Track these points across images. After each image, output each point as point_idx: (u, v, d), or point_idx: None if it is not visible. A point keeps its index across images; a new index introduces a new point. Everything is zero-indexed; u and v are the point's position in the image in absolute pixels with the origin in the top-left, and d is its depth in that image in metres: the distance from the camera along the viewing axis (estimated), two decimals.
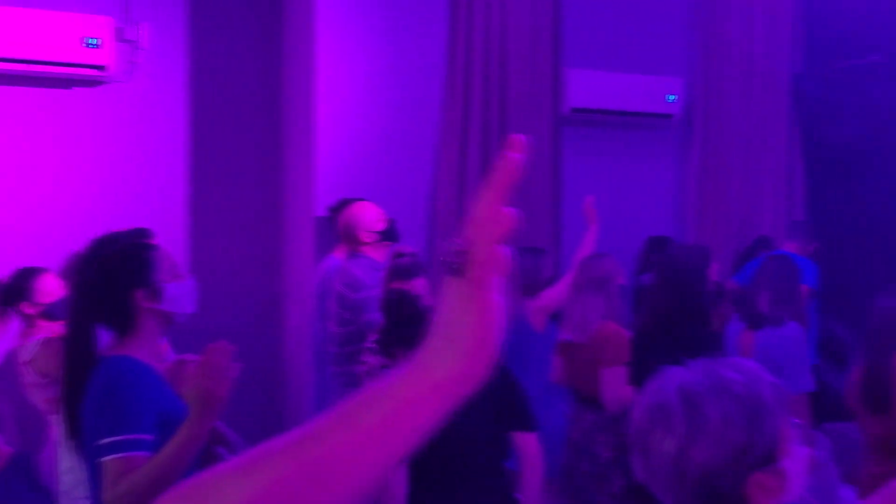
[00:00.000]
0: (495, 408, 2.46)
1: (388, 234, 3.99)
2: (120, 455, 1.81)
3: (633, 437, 1.36)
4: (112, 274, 2.01)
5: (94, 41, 4.49)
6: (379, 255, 3.83)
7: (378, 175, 4.95)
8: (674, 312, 2.78)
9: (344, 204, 4.28)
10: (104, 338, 2.06)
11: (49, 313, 2.99)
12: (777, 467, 1.27)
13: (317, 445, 0.68)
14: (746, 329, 3.32)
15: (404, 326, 2.55)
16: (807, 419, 3.17)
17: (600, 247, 4.14)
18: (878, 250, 6.21)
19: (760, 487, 1.27)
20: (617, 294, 3.15)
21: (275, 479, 0.67)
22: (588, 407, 3.16)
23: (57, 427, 2.74)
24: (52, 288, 3.10)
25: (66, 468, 2.68)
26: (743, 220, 6.10)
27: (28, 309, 3.08)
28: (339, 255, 4.15)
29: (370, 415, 0.69)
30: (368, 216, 4.04)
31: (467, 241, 0.69)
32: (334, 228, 4.31)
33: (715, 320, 3.08)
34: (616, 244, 4.74)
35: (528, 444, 2.54)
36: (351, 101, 5.02)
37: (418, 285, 3.23)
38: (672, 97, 5.87)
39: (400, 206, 4.67)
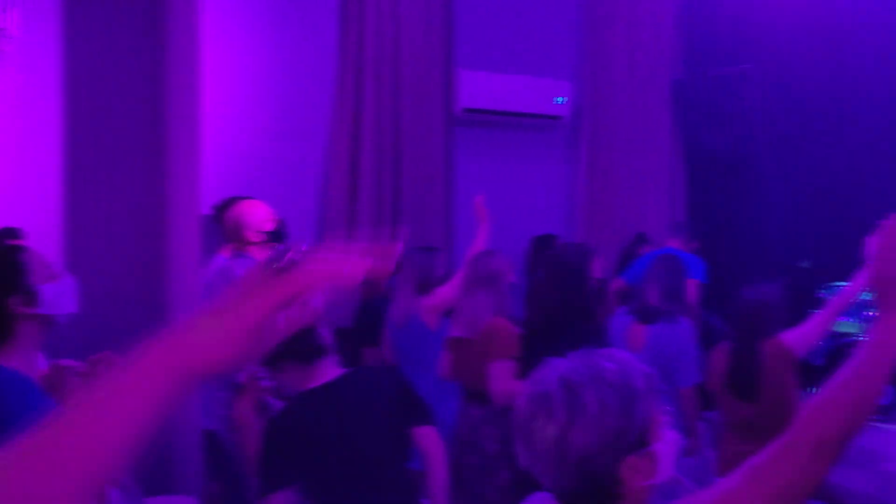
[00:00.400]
0: (390, 408, 2.44)
1: (277, 235, 3.90)
2: None
3: (517, 425, 1.39)
4: None
5: None
6: (265, 255, 3.74)
7: (266, 173, 4.85)
8: (559, 308, 2.85)
9: (231, 202, 4.15)
10: None
11: None
12: (649, 450, 1.33)
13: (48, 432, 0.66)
14: (636, 323, 3.42)
15: None
16: (695, 410, 3.30)
17: (492, 245, 4.20)
18: (751, 247, 6.58)
19: (633, 469, 1.32)
20: (506, 291, 3.20)
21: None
22: (475, 402, 3.20)
23: None
24: None
25: None
26: (629, 219, 6.33)
27: None
28: (225, 254, 4.03)
29: (102, 395, 0.69)
30: (257, 216, 3.94)
31: (302, 254, 0.71)
32: (221, 228, 4.19)
33: (599, 315, 3.17)
34: (508, 242, 4.83)
35: (428, 439, 2.54)
36: (238, 96, 4.89)
37: None
38: (560, 99, 6.03)
39: (289, 206, 4.59)
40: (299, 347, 2.28)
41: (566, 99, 6.05)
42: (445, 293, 3.68)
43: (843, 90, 6.84)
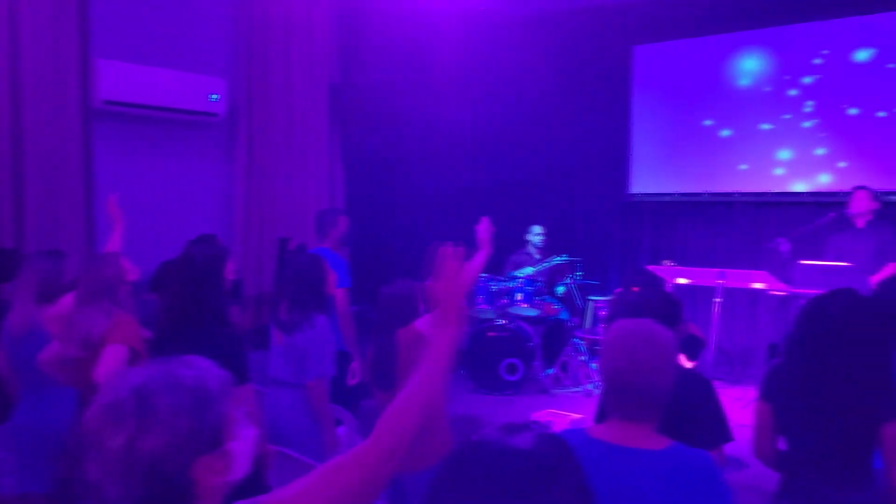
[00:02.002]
0: None
1: None
2: None
3: (87, 439, 1.35)
4: None
5: None
6: None
7: None
8: (190, 312, 2.77)
9: None
10: None
11: None
12: (223, 450, 1.38)
13: None
14: (275, 328, 3.43)
15: None
16: (327, 401, 3.41)
17: (142, 246, 3.99)
18: (407, 242, 7.04)
19: (207, 469, 1.35)
20: (127, 295, 3.03)
21: None
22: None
23: None
24: None
25: None
26: (288, 219, 6.41)
27: None
28: None
29: None
30: None
31: None
32: None
33: (232, 318, 3.14)
34: (161, 242, 4.61)
35: None
36: None
37: None
38: (215, 96, 5.91)
39: None
40: None
41: (220, 96, 5.95)
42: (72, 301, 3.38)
43: (485, 99, 7.65)
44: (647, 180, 7.63)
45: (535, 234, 7.01)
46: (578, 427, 1.90)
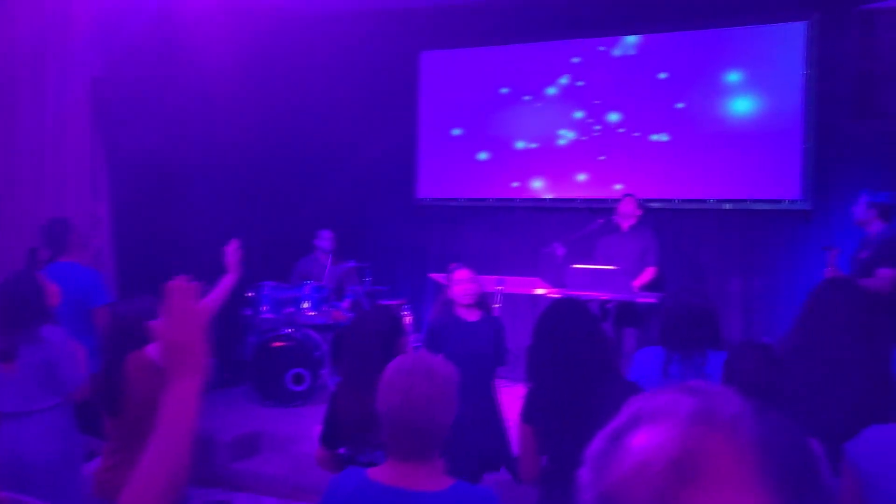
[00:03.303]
0: None
1: None
2: None
3: None
4: None
5: None
6: None
7: None
8: None
9: None
10: None
11: None
12: None
13: None
14: None
15: None
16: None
17: None
18: (179, 256, 6.59)
19: None
20: None
21: None
22: None
23: None
24: None
25: None
26: (39, 220, 5.77)
27: None
28: None
29: None
30: None
31: None
32: None
33: None
34: None
35: None
36: None
37: None
38: None
39: None
40: None
41: None
42: None
43: (272, 99, 7.35)
44: (435, 185, 7.73)
45: (324, 239, 6.87)
46: (356, 468, 1.81)
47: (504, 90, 7.43)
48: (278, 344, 6.05)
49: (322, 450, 2.66)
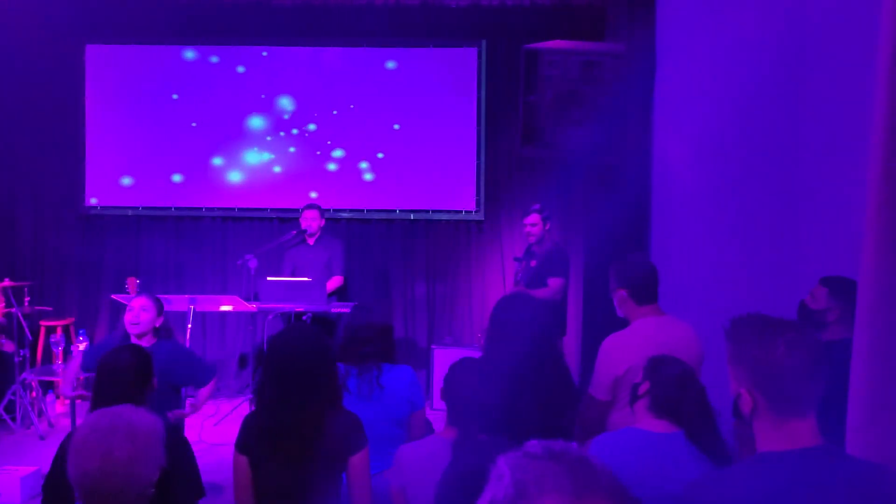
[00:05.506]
0: None
1: None
2: None
3: None
4: None
5: None
6: None
7: None
8: None
9: None
10: None
11: None
12: None
13: None
14: None
15: None
16: None
17: None
18: None
19: None
20: None
21: None
22: None
23: None
24: None
25: None
26: None
27: None
28: None
29: None
30: None
31: None
32: None
33: None
34: None
35: None
36: None
37: None
38: None
39: None
40: None
41: None
42: None
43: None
44: (108, 192, 7.01)
45: None
46: None
47: (175, 96, 6.99)
48: None
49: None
